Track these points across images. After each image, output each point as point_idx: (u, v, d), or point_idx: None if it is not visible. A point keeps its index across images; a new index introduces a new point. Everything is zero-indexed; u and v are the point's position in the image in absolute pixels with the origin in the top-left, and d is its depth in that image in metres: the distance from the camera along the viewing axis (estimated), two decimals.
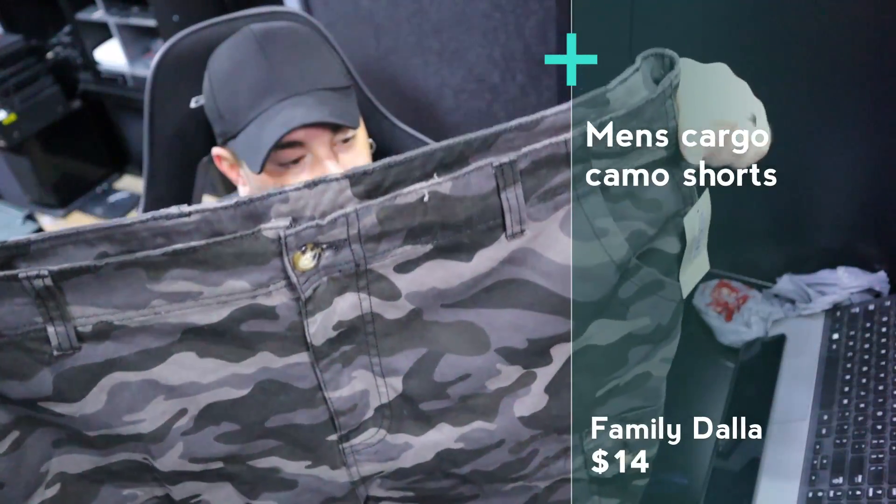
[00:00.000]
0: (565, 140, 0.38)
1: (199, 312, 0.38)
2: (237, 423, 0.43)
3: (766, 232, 0.91)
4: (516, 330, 0.43)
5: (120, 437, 0.42)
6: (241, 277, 0.38)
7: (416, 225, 0.39)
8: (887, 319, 0.77)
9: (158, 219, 0.37)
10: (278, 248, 0.37)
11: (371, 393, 0.44)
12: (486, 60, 1.67)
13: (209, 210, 0.37)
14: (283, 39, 0.69)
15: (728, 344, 0.89)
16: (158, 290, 0.38)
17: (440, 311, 0.42)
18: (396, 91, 1.85)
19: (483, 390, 0.45)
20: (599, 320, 0.46)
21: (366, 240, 0.38)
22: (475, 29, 1.63)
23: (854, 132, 0.78)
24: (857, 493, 0.62)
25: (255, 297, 0.38)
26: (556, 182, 0.40)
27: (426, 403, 0.44)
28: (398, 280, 0.40)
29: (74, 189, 2.65)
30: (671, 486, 0.75)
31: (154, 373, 0.40)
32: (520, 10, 1.54)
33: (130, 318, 0.38)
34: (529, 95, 1.67)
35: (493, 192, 0.39)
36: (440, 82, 1.78)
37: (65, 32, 2.43)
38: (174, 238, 0.37)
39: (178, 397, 0.41)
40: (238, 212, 0.37)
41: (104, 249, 0.37)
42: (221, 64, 0.70)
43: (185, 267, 0.37)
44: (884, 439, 0.65)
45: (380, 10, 1.74)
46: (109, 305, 0.38)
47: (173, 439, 0.42)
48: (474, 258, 0.40)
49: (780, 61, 0.76)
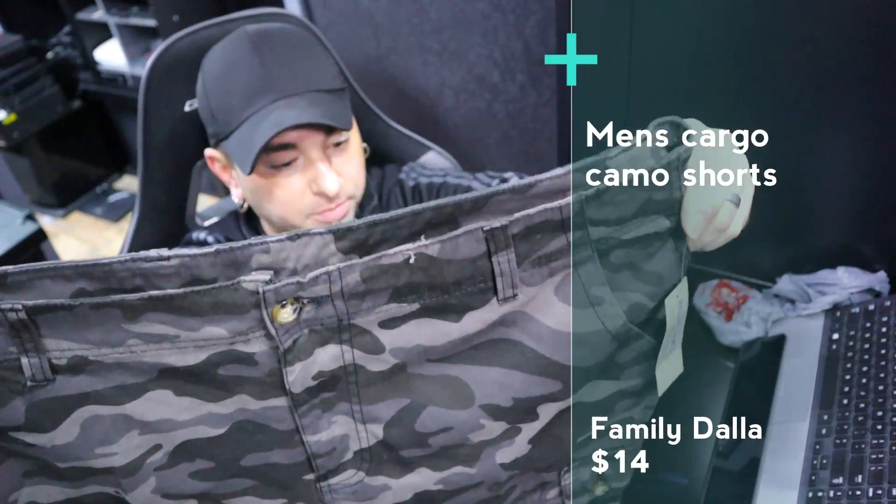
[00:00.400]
0: (560, 206, 0.37)
1: (175, 354, 0.38)
2: (212, 461, 0.42)
3: (766, 232, 0.91)
4: (502, 388, 0.42)
5: (91, 469, 0.41)
6: (219, 325, 0.37)
7: (401, 285, 0.37)
8: (887, 319, 0.77)
9: (137, 261, 0.36)
10: (257, 300, 0.36)
11: (351, 437, 0.43)
12: (486, 60, 1.67)
13: (188, 256, 0.36)
14: (276, 40, 0.68)
15: (728, 344, 0.89)
16: (135, 330, 0.37)
17: (425, 365, 0.41)
18: (396, 91, 1.85)
19: (466, 442, 0.44)
20: (592, 382, 0.45)
21: (349, 297, 0.37)
22: (475, 29, 1.63)
23: (854, 132, 0.78)
24: (857, 493, 0.62)
25: (233, 343, 0.37)
26: (552, 248, 0.38)
27: (407, 451, 0.43)
28: (382, 335, 0.39)
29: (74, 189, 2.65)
30: (671, 486, 0.75)
31: (128, 408, 0.39)
32: (520, 10, 1.54)
33: (105, 354, 0.37)
34: (529, 95, 1.67)
35: (484, 255, 0.37)
36: (440, 82, 1.78)
37: (65, 32, 2.43)
38: (153, 281, 0.37)
39: (152, 433, 0.40)
40: (218, 259, 0.36)
41: (82, 286, 0.37)
42: (214, 64, 0.69)
43: (161, 311, 0.36)
44: (884, 439, 0.65)
45: (380, 10, 1.74)
46: (84, 341, 0.37)
47: (146, 474, 0.41)
48: (463, 319, 0.39)
49: (780, 61, 0.76)
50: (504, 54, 1.62)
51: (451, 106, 1.80)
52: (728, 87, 0.81)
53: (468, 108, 1.78)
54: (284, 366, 0.38)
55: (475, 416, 0.43)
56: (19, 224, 1.22)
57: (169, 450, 0.41)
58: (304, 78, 0.67)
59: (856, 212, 0.84)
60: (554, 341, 0.40)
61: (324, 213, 0.70)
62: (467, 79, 1.72)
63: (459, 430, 0.43)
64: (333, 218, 0.70)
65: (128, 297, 0.35)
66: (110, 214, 2.59)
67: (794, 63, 0.76)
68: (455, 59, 1.71)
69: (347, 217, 0.72)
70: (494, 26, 1.59)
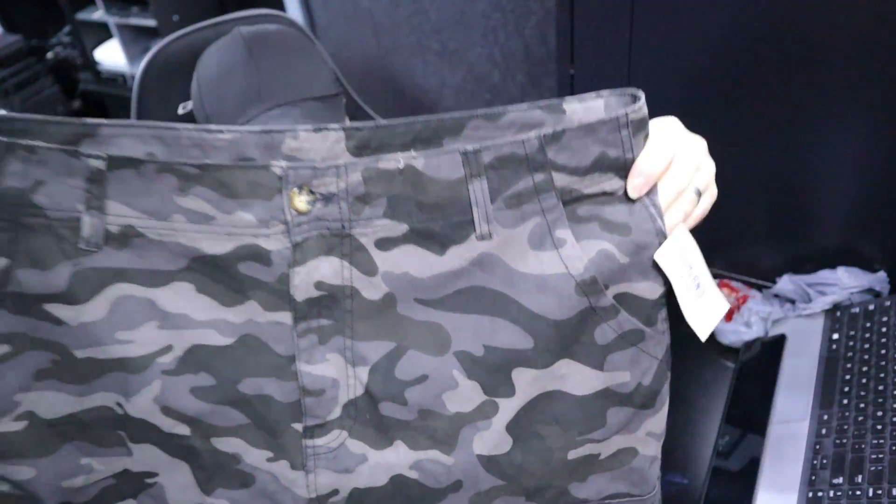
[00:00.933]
0: (524, 140, 0.40)
1: (208, 240, 0.41)
2: (213, 378, 0.43)
3: (766, 232, 0.91)
4: (475, 335, 0.44)
5: (107, 362, 0.42)
6: (249, 210, 0.40)
7: (394, 194, 0.41)
8: (887, 319, 0.77)
9: (200, 130, 0.40)
10: (280, 184, 0.40)
11: (341, 385, 0.44)
12: (486, 60, 1.67)
13: (239, 132, 0.40)
14: (271, 45, 0.68)
15: (728, 344, 0.89)
16: (182, 204, 0.40)
17: (413, 306, 0.43)
18: (396, 91, 1.85)
19: (441, 409, 0.44)
20: (569, 360, 0.45)
21: (352, 199, 0.41)
22: (475, 29, 1.63)
23: (854, 132, 0.78)
24: (857, 493, 0.62)
25: (257, 236, 0.41)
26: (521, 188, 0.41)
27: (386, 404, 0.44)
28: (376, 256, 0.42)
29: None
30: (671, 486, 0.75)
31: (155, 293, 0.41)
32: (520, 10, 1.54)
33: (152, 228, 0.40)
34: (529, 95, 1.67)
35: (462, 180, 0.41)
36: (440, 82, 1.78)
37: (65, 32, 2.43)
38: (208, 151, 0.40)
39: (168, 328, 0.42)
40: (261, 139, 0.40)
41: (152, 150, 0.40)
42: (210, 68, 0.69)
43: (208, 186, 0.39)
44: (884, 439, 0.65)
45: (380, 10, 1.74)
46: (140, 209, 0.40)
47: (152, 375, 0.42)
48: (446, 253, 0.42)
49: (780, 61, 0.76)
50: (504, 54, 1.62)
51: (451, 106, 1.80)
52: (728, 86, 0.81)
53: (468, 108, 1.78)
54: (293, 266, 0.41)
55: (448, 365, 0.44)
56: None
57: (178, 354, 0.42)
58: (298, 85, 0.67)
59: (856, 212, 0.84)
60: (524, 288, 0.43)
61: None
62: (467, 79, 1.72)
63: (433, 380, 0.44)
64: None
65: (187, 161, 0.39)
66: None
67: (794, 63, 0.76)
68: (455, 59, 1.71)
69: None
70: (494, 26, 1.59)
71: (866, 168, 0.80)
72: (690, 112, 0.88)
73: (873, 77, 0.73)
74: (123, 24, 2.15)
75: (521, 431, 0.45)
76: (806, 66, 0.76)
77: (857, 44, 0.72)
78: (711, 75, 0.81)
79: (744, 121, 0.83)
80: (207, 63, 0.70)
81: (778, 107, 0.80)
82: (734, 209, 0.92)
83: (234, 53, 0.67)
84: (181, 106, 0.79)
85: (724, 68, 0.80)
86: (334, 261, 0.42)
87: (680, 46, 0.81)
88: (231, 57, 0.68)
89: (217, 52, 0.69)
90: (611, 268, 0.43)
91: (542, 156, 0.41)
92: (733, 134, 0.85)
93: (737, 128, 0.84)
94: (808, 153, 0.82)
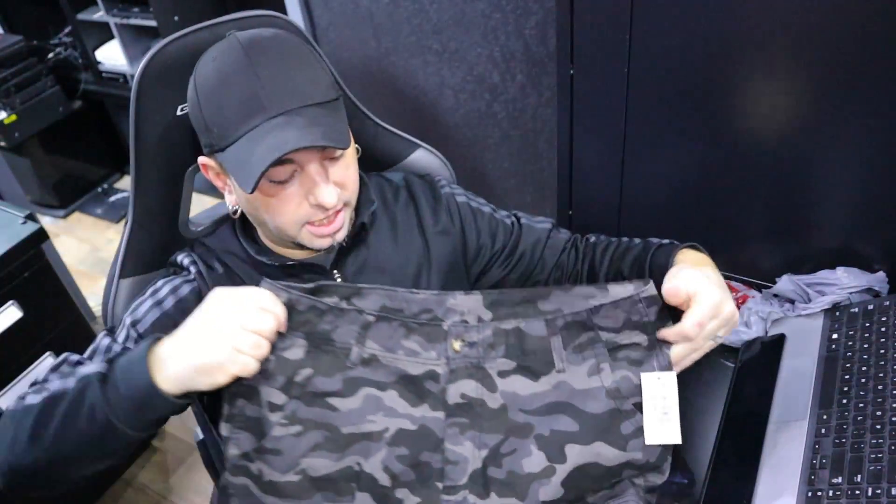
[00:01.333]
0: (579, 312, 0.67)
1: (413, 365, 0.67)
2: (407, 449, 0.66)
3: (766, 232, 0.92)
4: (548, 426, 0.68)
5: (359, 434, 0.65)
6: (433, 350, 0.68)
7: (509, 344, 0.68)
8: (886, 319, 0.78)
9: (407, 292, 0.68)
10: (446, 335, 0.68)
11: (469, 461, 0.67)
12: (486, 60, 1.67)
13: (425, 294, 0.68)
14: (270, 50, 0.67)
15: (728, 344, 0.89)
16: (404, 344, 0.68)
17: (517, 413, 0.68)
18: (396, 91, 1.85)
19: (520, 470, 0.67)
20: (602, 443, 0.66)
21: (485, 345, 0.68)
22: (475, 29, 1.63)
23: (854, 133, 0.78)
24: (857, 492, 0.62)
25: (435, 365, 0.68)
26: (582, 340, 0.68)
27: (491, 469, 0.67)
28: (497, 381, 0.68)
29: (75, 189, 2.65)
30: (671, 485, 0.75)
31: (382, 395, 0.67)
32: (520, 11, 1.54)
33: (385, 357, 0.67)
34: (529, 96, 1.67)
35: (546, 337, 0.68)
36: (440, 82, 1.78)
37: (66, 33, 2.43)
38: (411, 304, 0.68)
39: (388, 416, 0.66)
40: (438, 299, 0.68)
41: (384, 303, 0.67)
42: (208, 77, 0.68)
43: (420, 335, 0.68)
44: (883, 439, 0.65)
45: (380, 10, 1.74)
46: (381, 344, 0.67)
47: (381, 444, 0.66)
48: (539, 381, 0.68)
49: (780, 62, 0.77)
50: (504, 54, 1.62)
51: (451, 106, 1.80)
52: (728, 87, 0.81)
53: (468, 108, 1.78)
54: (449, 383, 0.67)
55: (528, 443, 0.67)
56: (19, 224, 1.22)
57: (392, 433, 0.66)
58: (299, 92, 0.66)
59: (855, 212, 0.84)
60: (579, 398, 0.67)
61: (319, 226, 0.71)
62: (467, 79, 1.72)
63: (519, 453, 0.67)
64: (328, 232, 0.72)
65: (414, 320, 0.68)
66: (110, 214, 2.59)
67: (795, 63, 0.76)
68: (455, 59, 1.71)
69: (344, 228, 0.74)
70: (494, 26, 1.59)
71: (866, 168, 0.80)
72: (689, 112, 0.89)
73: (873, 77, 0.73)
74: (124, 24, 2.15)
75: (570, 484, 0.67)
76: (806, 67, 0.76)
77: (857, 44, 0.72)
78: (711, 75, 0.81)
79: (743, 121, 0.83)
80: (205, 70, 0.68)
81: (778, 107, 0.80)
82: (734, 209, 0.92)
83: (233, 60, 0.67)
84: (179, 107, 0.79)
85: (724, 68, 0.80)
86: (472, 382, 0.68)
87: (679, 46, 0.81)
88: (229, 64, 0.67)
89: (214, 59, 0.68)
90: (629, 386, 0.67)
91: (591, 321, 0.67)
92: (733, 134, 0.85)
93: (736, 128, 0.84)
94: (808, 153, 0.82)
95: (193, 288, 0.75)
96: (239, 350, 0.60)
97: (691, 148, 0.89)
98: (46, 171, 2.53)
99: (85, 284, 1.91)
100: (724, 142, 0.86)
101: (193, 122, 0.70)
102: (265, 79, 0.65)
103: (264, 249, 0.78)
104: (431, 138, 1.58)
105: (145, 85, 0.76)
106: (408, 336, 0.67)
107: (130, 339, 0.72)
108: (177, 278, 0.76)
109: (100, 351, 0.72)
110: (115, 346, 0.71)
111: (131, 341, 0.72)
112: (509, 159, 1.83)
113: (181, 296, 0.74)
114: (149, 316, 0.72)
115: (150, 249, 0.84)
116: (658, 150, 0.91)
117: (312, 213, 0.70)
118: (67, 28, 2.40)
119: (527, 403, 0.68)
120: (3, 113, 2.21)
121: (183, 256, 0.78)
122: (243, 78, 0.65)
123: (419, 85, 1.82)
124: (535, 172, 1.83)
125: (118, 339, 0.72)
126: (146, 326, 0.72)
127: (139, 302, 0.74)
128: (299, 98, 0.66)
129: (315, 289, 0.66)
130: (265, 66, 0.66)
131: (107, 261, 0.86)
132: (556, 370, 0.67)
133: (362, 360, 0.66)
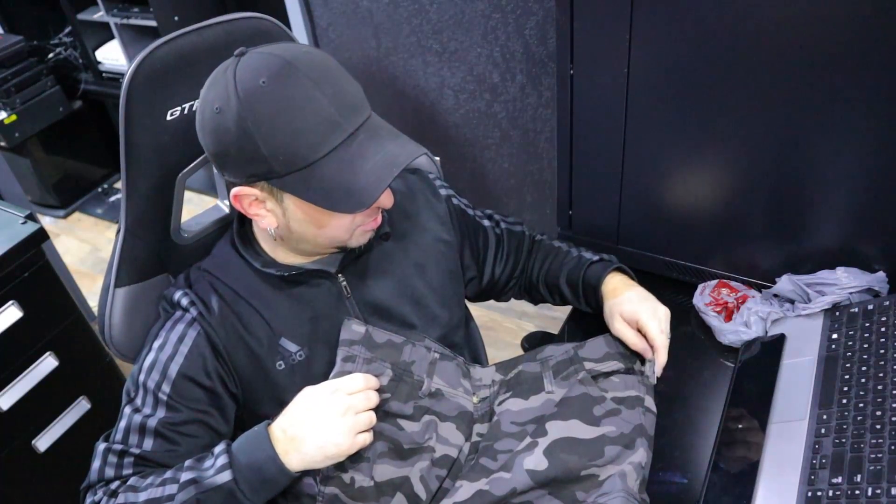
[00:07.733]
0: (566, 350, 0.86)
1: (465, 401, 0.82)
2: (445, 470, 0.77)
3: (765, 232, 0.92)
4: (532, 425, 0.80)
5: (419, 448, 0.77)
6: (471, 397, 0.83)
7: (513, 385, 0.84)
8: (886, 319, 0.78)
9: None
10: (472, 395, 0.83)
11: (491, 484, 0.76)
12: (486, 60, 1.67)
13: (448, 355, 0.84)
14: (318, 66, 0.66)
15: (728, 344, 0.89)
16: (463, 384, 0.83)
17: (510, 425, 0.80)
18: (396, 91, 1.85)
19: (509, 450, 0.77)
20: (579, 421, 0.77)
21: (495, 396, 0.84)
22: (475, 29, 1.63)
23: (854, 133, 0.78)
24: (856, 492, 0.62)
25: (473, 408, 0.83)
26: (569, 371, 0.83)
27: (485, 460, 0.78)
28: (497, 409, 0.83)
29: (75, 189, 2.65)
30: (671, 485, 0.75)
31: (439, 424, 0.79)
32: (520, 11, 1.54)
33: (447, 392, 0.81)
34: (529, 95, 1.67)
35: (539, 374, 0.84)
36: (440, 82, 1.78)
37: (66, 33, 2.43)
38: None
39: (438, 442, 0.78)
40: (467, 370, 0.86)
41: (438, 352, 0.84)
42: (268, 104, 0.63)
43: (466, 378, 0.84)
44: (882, 439, 0.65)
45: (380, 10, 1.74)
46: (445, 381, 0.82)
47: (427, 461, 0.77)
48: (529, 399, 0.82)
49: (779, 62, 0.77)
50: (504, 54, 1.62)
51: (451, 106, 1.80)
52: (728, 87, 0.81)
53: (468, 108, 1.78)
54: (473, 424, 0.82)
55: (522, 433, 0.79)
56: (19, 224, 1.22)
57: (437, 456, 0.77)
58: (359, 105, 0.67)
59: (855, 212, 0.84)
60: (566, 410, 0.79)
61: (368, 225, 0.75)
62: (467, 79, 1.72)
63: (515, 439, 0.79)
64: (375, 226, 0.77)
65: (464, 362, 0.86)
66: (111, 214, 2.60)
67: (794, 63, 0.76)
68: (455, 59, 1.71)
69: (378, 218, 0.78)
70: (494, 26, 1.59)
71: (866, 168, 0.80)
72: (689, 112, 0.88)
73: (873, 77, 0.73)
74: (124, 24, 2.15)
75: (552, 456, 0.75)
76: (806, 66, 0.76)
77: (857, 44, 0.72)
78: (710, 75, 0.81)
79: (743, 121, 0.83)
80: (262, 99, 0.64)
81: (778, 107, 0.80)
82: (734, 209, 0.92)
83: (294, 83, 0.64)
84: (169, 112, 0.77)
85: (724, 68, 0.80)
86: (486, 425, 0.82)
87: (679, 47, 0.81)
88: (293, 89, 0.64)
89: (269, 86, 0.64)
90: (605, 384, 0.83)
91: (577, 357, 0.84)
92: (732, 134, 0.85)
93: (736, 128, 0.84)
94: (808, 153, 0.82)
95: (199, 331, 0.75)
96: (359, 431, 0.71)
97: (691, 148, 0.89)
98: (46, 171, 2.53)
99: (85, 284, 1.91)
100: (724, 142, 0.86)
101: (236, 153, 0.66)
102: (332, 97, 0.65)
103: (269, 261, 0.78)
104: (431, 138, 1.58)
105: (135, 89, 0.75)
106: (464, 376, 0.83)
107: (161, 405, 0.73)
108: (178, 324, 0.75)
109: (133, 429, 0.73)
110: (149, 420, 0.72)
111: (162, 407, 0.73)
112: (509, 159, 1.83)
113: (190, 344, 0.74)
114: (168, 373, 0.73)
115: (144, 257, 0.83)
116: (658, 150, 0.91)
117: (365, 217, 0.74)
118: (67, 28, 2.40)
119: (517, 417, 0.81)
120: (3, 113, 2.21)
121: (180, 295, 0.76)
122: (313, 100, 0.64)
123: (419, 85, 1.81)
124: (535, 172, 1.82)
125: (145, 409, 0.73)
126: (170, 387, 0.73)
127: (150, 362, 0.74)
128: (362, 111, 0.68)
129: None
130: (326, 84, 0.65)
131: (107, 261, 0.85)
132: (546, 391, 0.82)
133: (430, 394, 0.80)
